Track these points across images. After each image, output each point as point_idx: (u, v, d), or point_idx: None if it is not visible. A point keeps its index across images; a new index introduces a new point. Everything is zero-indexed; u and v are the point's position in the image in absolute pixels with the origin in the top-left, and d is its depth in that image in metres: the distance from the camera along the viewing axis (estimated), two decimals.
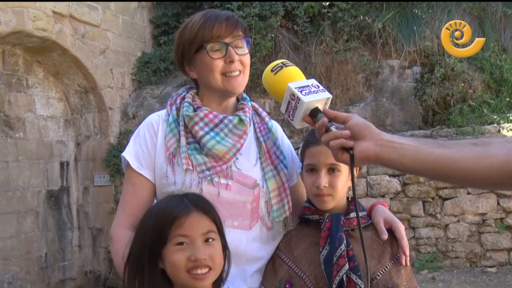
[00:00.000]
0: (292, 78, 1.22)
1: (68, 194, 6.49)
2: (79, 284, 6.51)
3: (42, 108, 6.19)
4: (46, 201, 6.16)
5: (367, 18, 6.38)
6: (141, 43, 7.11)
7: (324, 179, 1.39)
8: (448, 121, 6.00)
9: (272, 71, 1.25)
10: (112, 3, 6.50)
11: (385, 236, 1.39)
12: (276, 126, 1.61)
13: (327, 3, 6.33)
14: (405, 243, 1.41)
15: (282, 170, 1.49)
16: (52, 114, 6.33)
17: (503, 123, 5.62)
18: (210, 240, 1.15)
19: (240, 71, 1.42)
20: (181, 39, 1.46)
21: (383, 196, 5.57)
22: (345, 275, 1.32)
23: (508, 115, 5.74)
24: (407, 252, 1.40)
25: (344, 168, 1.40)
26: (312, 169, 1.42)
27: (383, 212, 1.48)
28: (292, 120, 1.20)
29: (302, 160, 1.50)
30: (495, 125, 5.65)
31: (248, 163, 1.46)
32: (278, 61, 1.28)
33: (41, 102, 6.18)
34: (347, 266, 1.33)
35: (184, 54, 1.46)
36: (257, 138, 1.51)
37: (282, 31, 6.49)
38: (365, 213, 1.48)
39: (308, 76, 1.28)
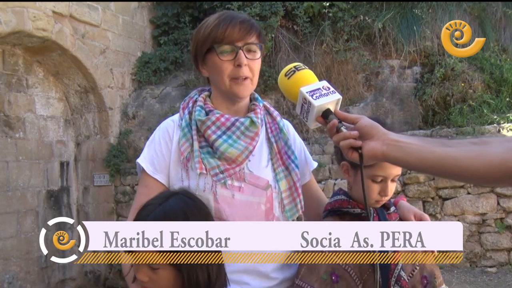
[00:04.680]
0: (305, 81, 1.27)
1: (68, 194, 6.50)
2: (79, 284, 6.52)
3: (42, 108, 6.19)
4: (46, 201, 6.16)
5: (367, 18, 6.39)
6: (141, 43, 7.12)
7: (390, 189, 1.48)
8: (448, 121, 6.00)
9: (285, 75, 1.30)
10: (112, 3, 6.50)
11: None
12: (288, 126, 1.63)
13: (327, 3, 6.34)
14: None
15: (294, 170, 1.51)
16: (52, 114, 6.33)
17: (503, 123, 5.63)
18: (153, 266, 1.18)
19: (248, 77, 1.43)
20: (196, 37, 1.47)
21: None
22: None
23: (508, 115, 5.74)
24: None
25: None
26: (381, 180, 1.47)
27: (411, 208, 1.56)
28: (307, 121, 1.28)
29: (354, 164, 1.47)
30: (495, 125, 5.65)
31: (260, 164, 1.48)
32: (291, 65, 1.32)
33: (41, 102, 6.18)
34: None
35: (197, 52, 1.47)
36: (268, 139, 1.53)
37: (282, 31, 6.50)
38: (394, 208, 1.55)
39: None
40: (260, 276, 1.42)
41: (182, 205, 1.23)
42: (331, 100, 1.23)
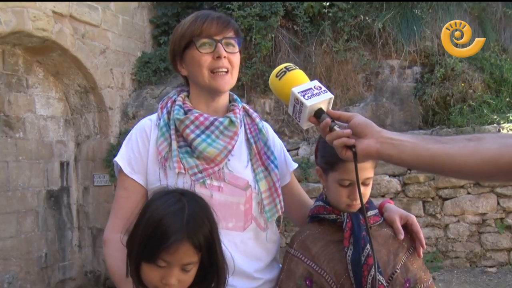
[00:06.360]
0: (296, 81, 1.27)
1: (68, 194, 6.49)
2: (79, 284, 6.51)
3: (42, 108, 6.19)
4: (46, 201, 6.16)
5: (367, 18, 6.38)
6: (141, 43, 7.12)
7: (362, 193, 1.41)
8: (448, 121, 6.00)
9: (276, 76, 1.30)
10: (112, 3, 6.50)
11: (402, 236, 1.44)
12: (266, 127, 1.63)
13: (327, 3, 6.33)
14: (422, 235, 1.47)
15: (273, 170, 1.51)
16: (52, 114, 6.33)
17: (503, 123, 5.63)
18: (186, 268, 1.17)
19: (228, 70, 1.44)
20: (173, 37, 1.49)
21: (383, 196, 5.57)
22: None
23: (508, 115, 5.74)
24: (424, 245, 1.47)
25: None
26: (349, 184, 1.43)
27: (396, 209, 1.52)
28: (299, 121, 1.27)
29: (326, 169, 1.47)
30: (495, 125, 5.65)
31: (240, 164, 1.48)
32: (282, 66, 1.31)
33: (41, 102, 6.18)
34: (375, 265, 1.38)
35: (175, 51, 1.48)
36: (247, 140, 1.53)
37: (282, 31, 6.49)
38: (376, 211, 1.52)
39: (309, 77, 1.30)
40: (245, 277, 1.43)
41: (203, 209, 1.22)
42: (323, 99, 1.22)
